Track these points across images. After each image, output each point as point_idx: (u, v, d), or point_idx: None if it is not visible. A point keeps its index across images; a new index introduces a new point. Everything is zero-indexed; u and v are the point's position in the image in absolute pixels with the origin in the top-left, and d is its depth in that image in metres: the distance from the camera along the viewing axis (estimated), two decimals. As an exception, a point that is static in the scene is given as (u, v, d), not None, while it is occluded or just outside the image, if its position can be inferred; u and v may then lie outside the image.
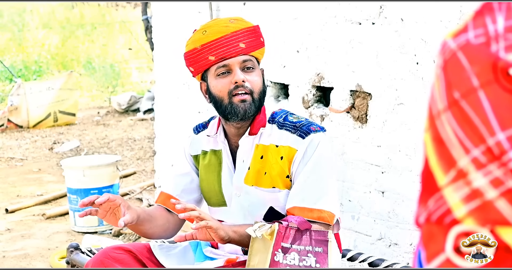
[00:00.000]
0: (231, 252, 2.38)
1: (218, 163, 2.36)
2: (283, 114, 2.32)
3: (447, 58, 0.82)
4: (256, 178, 2.25)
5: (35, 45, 13.87)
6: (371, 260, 2.62)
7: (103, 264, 2.29)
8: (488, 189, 0.79)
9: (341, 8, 3.11)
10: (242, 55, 2.23)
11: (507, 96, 0.78)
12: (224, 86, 2.23)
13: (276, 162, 2.25)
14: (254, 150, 2.29)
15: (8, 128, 8.72)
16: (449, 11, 2.68)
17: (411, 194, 2.89)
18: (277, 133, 2.27)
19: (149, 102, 9.32)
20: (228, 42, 2.22)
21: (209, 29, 2.25)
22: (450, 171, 0.81)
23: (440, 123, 0.82)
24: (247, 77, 2.23)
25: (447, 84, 0.82)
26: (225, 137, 2.36)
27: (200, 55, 2.25)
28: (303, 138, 2.22)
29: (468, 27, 0.82)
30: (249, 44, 2.24)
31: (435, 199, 0.82)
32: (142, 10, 10.09)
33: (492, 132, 0.78)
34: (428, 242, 0.83)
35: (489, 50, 0.80)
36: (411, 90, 2.85)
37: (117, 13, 17.39)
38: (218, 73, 2.24)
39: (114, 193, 5.10)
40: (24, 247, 4.80)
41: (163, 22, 4.26)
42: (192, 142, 2.45)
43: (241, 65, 2.23)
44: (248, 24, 2.29)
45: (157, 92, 4.45)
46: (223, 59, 2.22)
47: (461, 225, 0.80)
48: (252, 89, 2.23)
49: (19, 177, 6.71)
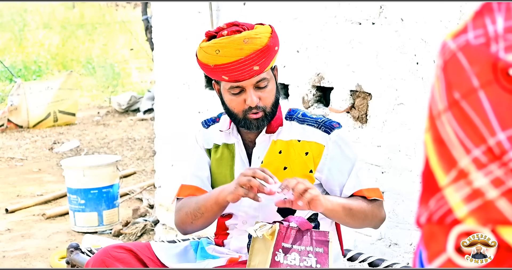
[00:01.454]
0: (235, 250, 2.37)
1: (231, 157, 2.37)
2: (299, 111, 2.37)
3: (447, 59, 0.83)
4: (274, 173, 2.19)
5: (35, 45, 13.87)
6: (371, 260, 2.62)
7: (104, 263, 2.28)
8: (489, 188, 0.79)
9: (341, 8, 3.11)
10: (256, 76, 2.23)
11: (507, 96, 0.78)
12: (238, 105, 2.26)
13: (299, 157, 2.28)
14: (270, 145, 2.31)
15: (8, 128, 8.72)
16: (449, 11, 2.68)
17: (411, 194, 2.89)
18: (298, 128, 2.32)
19: (149, 102, 9.32)
20: (242, 66, 2.19)
21: (222, 50, 2.18)
22: (451, 171, 0.81)
23: (441, 123, 0.82)
24: (260, 94, 2.25)
25: (447, 84, 0.82)
26: (238, 132, 2.37)
27: (213, 72, 2.25)
28: (329, 133, 2.29)
29: (468, 27, 0.82)
30: (263, 64, 2.22)
31: (436, 199, 0.82)
32: (142, 10, 10.09)
33: (493, 132, 0.79)
34: (429, 242, 0.83)
35: (489, 50, 0.80)
36: (411, 90, 2.85)
37: (117, 13, 17.39)
38: (231, 92, 2.26)
39: (114, 193, 5.11)
40: (24, 247, 4.80)
41: (163, 22, 4.26)
42: (204, 135, 2.44)
43: (254, 85, 2.25)
44: (263, 41, 2.21)
45: (157, 92, 4.45)
46: (236, 81, 2.23)
47: (462, 225, 0.80)
48: (265, 107, 2.26)
49: (19, 177, 6.71)
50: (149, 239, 4.71)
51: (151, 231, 4.82)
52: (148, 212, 5.12)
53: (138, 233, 4.79)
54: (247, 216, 2.33)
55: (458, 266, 0.82)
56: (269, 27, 2.29)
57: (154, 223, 4.83)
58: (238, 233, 2.36)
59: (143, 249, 2.37)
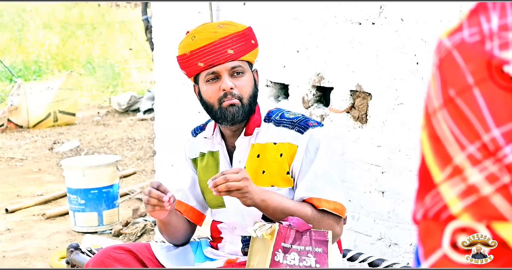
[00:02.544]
0: (231, 253, 2.38)
1: (215, 164, 2.37)
2: (279, 112, 2.33)
3: (443, 57, 0.83)
4: (253, 177, 2.24)
5: (35, 45, 13.87)
6: (371, 260, 2.62)
7: (104, 263, 2.29)
8: (484, 184, 0.80)
9: (341, 8, 3.11)
10: (231, 61, 2.23)
11: (502, 93, 0.79)
12: (214, 93, 2.25)
13: (275, 159, 2.26)
14: (250, 149, 2.30)
15: (8, 128, 8.72)
16: (449, 11, 2.68)
17: (411, 194, 2.89)
18: (275, 131, 2.28)
19: (149, 102, 9.33)
20: (216, 49, 2.22)
21: (198, 34, 2.25)
22: (446, 167, 0.82)
23: (436, 121, 0.83)
24: (236, 83, 2.23)
25: (442, 82, 0.83)
26: (222, 138, 2.37)
27: (190, 61, 2.26)
28: (302, 133, 2.23)
29: (463, 26, 0.83)
30: (238, 49, 2.23)
31: (432, 196, 0.83)
32: (142, 10, 10.09)
33: (487, 129, 0.79)
34: (425, 238, 0.83)
35: (483, 48, 0.80)
36: (411, 90, 2.85)
37: (117, 13, 17.39)
38: (207, 79, 2.25)
39: (114, 193, 5.11)
40: (24, 247, 4.80)
41: (163, 22, 4.26)
42: (191, 145, 2.46)
43: (229, 72, 2.24)
44: (238, 28, 2.27)
45: (157, 92, 4.45)
46: (211, 66, 2.23)
47: (458, 221, 0.81)
48: (241, 95, 2.24)
49: (19, 177, 6.71)
50: (149, 239, 4.71)
51: (151, 231, 4.83)
52: (148, 212, 5.12)
53: (138, 233, 4.79)
54: (235, 223, 2.34)
55: (453, 261, 0.82)
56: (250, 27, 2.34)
57: (154, 223, 4.83)
58: (232, 237, 2.37)
59: (142, 250, 2.38)
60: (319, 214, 2.21)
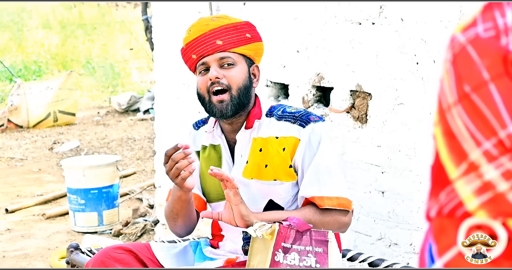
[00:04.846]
0: (231, 251, 2.38)
1: (217, 157, 2.37)
2: (281, 107, 2.33)
3: (457, 52, 0.82)
4: (256, 171, 2.25)
5: (35, 45, 13.87)
6: (371, 260, 2.62)
7: (104, 264, 2.28)
8: (500, 181, 0.79)
9: (341, 8, 3.11)
10: (220, 52, 2.24)
11: None
12: (203, 84, 2.26)
13: (278, 153, 2.26)
14: (252, 143, 2.30)
15: (8, 128, 8.72)
16: (449, 11, 2.68)
17: (411, 194, 2.89)
18: (276, 125, 2.29)
19: (149, 102, 9.32)
20: (205, 40, 2.24)
21: (193, 28, 2.29)
22: (462, 163, 0.81)
23: (451, 117, 0.82)
24: (224, 73, 2.24)
25: (457, 78, 0.82)
26: (222, 132, 2.37)
27: (187, 54, 2.30)
28: (304, 127, 2.24)
29: (477, 21, 0.82)
30: (228, 40, 2.24)
31: (447, 192, 0.82)
32: (142, 10, 10.09)
33: (504, 125, 0.79)
34: (439, 236, 0.82)
35: (499, 43, 0.80)
36: (411, 90, 2.85)
37: (117, 13, 17.38)
38: (199, 70, 2.28)
39: (114, 193, 5.11)
40: (24, 247, 4.80)
41: (163, 22, 4.26)
42: (194, 138, 2.46)
43: (218, 62, 2.24)
44: (232, 21, 2.28)
45: (157, 92, 4.45)
46: (202, 57, 2.25)
47: (473, 218, 0.80)
48: (229, 85, 2.23)
49: (19, 177, 6.71)
50: (149, 239, 4.71)
51: (151, 231, 4.82)
52: (148, 212, 5.13)
53: (138, 233, 4.79)
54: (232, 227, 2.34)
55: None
56: (249, 22, 2.34)
57: (154, 223, 4.83)
58: (233, 235, 2.37)
59: (142, 250, 2.37)
60: (322, 214, 2.22)
